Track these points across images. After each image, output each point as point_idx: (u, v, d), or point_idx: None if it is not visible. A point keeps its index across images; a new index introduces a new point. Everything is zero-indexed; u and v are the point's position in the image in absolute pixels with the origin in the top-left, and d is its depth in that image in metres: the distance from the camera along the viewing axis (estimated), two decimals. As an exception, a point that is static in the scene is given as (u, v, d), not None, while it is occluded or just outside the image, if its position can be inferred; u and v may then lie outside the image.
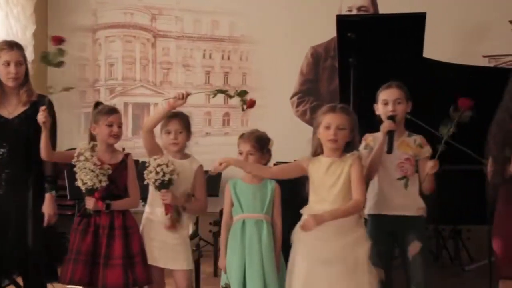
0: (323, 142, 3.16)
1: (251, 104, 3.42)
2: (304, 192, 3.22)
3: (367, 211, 3.39)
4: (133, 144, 6.45)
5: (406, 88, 3.40)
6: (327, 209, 3.06)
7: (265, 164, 3.49)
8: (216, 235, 5.38)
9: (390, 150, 3.24)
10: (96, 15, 7.10)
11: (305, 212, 3.16)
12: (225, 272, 3.39)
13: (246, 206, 3.40)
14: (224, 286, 3.37)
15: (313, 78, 6.81)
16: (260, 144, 3.44)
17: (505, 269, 3.13)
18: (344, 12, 6.57)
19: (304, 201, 3.39)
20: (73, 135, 6.05)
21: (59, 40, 3.35)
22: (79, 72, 7.01)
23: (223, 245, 3.44)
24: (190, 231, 3.57)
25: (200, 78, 7.01)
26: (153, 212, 3.50)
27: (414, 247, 3.31)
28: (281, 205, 3.42)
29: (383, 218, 3.34)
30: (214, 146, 6.57)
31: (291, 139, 3.36)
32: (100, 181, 3.35)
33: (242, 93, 3.40)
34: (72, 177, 3.43)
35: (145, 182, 3.43)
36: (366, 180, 3.31)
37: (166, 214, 3.42)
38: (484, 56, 6.18)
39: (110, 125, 3.47)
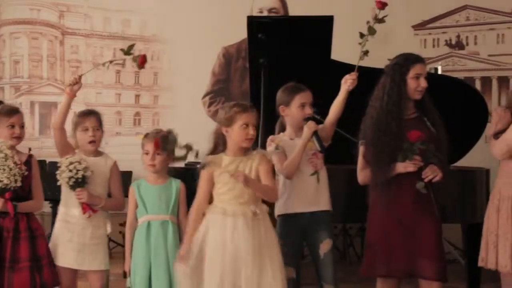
0: (236, 141, 3.13)
1: (143, 60, 3.39)
2: None
3: (279, 211, 3.42)
4: (40, 144, 6.27)
5: None
6: (240, 209, 3.07)
7: (170, 163, 3.48)
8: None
9: (323, 149, 3.30)
10: (0, 10, 6.85)
11: (214, 212, 3.15)
12: (129, 275, 3.35)
13: (151, 207, 3.37)
14: (127, 288, 3.35)
15: (224, 78, 6.84)
16: (167, 144, 3.42)
17: (383, 268, 3.22)
18: (255, 13, 6.64)
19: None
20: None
21: None
22: (-18, 69, 6.76)
23: (128, 247, 3.40)
24: (109, 230, 3.51)
25: (110, 77, 6.89)
26: (68, 213, 3.42)
27: (325, 245, 3.37)
28: (187, 204, 3.42)
29: (296, 217, 3.37)
30: (125, 146, 6.46)
31: (203, 139, 3.36)
32: (15, 181, 3.25)
33: (128, 49, 3.37)
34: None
35: (58, 183, 3.36)
36: (284, 178, 3.37)
37: (84, 213, 3.35)
38: (390, 60, 6.42)
39: (12, 126, 3.37)
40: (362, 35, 3.36)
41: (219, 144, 3.19)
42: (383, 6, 3.35)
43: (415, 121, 3.29)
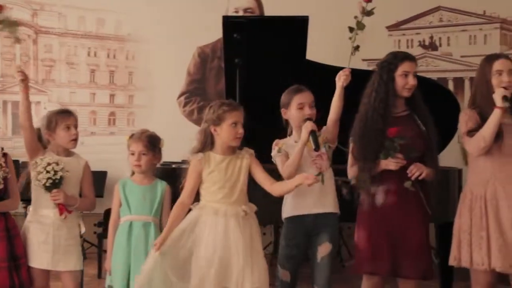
0: (226, 140, 3.14)
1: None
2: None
3: (285, 214, 3.41)
4: (13, 144, 6.22)
5: None
6: (229, 207, 3.07)
7: (156, 163, 3.48)
8: (101, 236, 5.28)
9: (317, 147, 3.24)
10: (-28, 9, 6.76)
11: (202, 212, 3.14)
12: (110, 274, 3.34)
13: (135, 207, 3.36)
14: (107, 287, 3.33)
15: (200, 78, 6.82)
16: (152, 144, 3.42)
17: (368, 265, 3.26)
18: (231, 13, 6.63)
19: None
20: None
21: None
22: (-48, 68, 6.66)
23: (109, 246, 3.39)
24: (83, 230, 3.50)
25: (84, 77, 6.84)
26: (42, 214, 3.40)
27: (324, 248, 3.34)
28: (171, 206, 3.41)
29: (301, 219, 3.34)
30: (100, 146, 6.44)
31: (178, 139, 3.36)
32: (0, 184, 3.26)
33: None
34: None
35: (36, 183, 3.33)
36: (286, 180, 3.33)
37: (61, 214, 3.33)
38: (364, 60, 6.46)
39: None
40: (351, 29, 3.37)
41: (207, 143, 3.19)
42: None
43: (405, 118, 3.34)
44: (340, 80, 3.35)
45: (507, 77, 3.30)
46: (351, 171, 3.37)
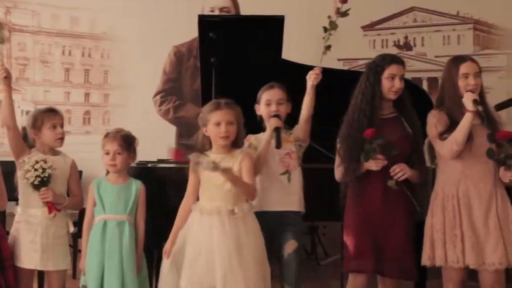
0: (213, 140, 3.17)
1: None
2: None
3: None
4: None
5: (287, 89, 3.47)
6: (215, 205, 3.08)
7: (131, 163, 3.47)
8: (76, 236, 5.23)
9: (279, 145, 3.28)
10: None
11: (194, 208, 3.15)
12: (84, 274, 3.32)
13: (109, 206, 3.35)
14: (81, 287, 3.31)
15: (176, 77, 6.81)
16: (127, 143, 3.41)
17: (354, 263, 3.30)
18: (207, 12, 6.62)
19: (167, 202, 3.39)
20: None
21: None
22: None
23: (84, 246, 3.37)
24: (71, 229, 3.49)
25: (59, 75, 6.78)
26: (30, 214, 3.38)
27: (290, 246, 3.36)
28: (147, 205, 3.41)
29: (265, 215, 3.34)
30: (74, 145, 6.32)
31: (154, 138, 3.35)
32: None
33: None
34: None
35: (24, 182, 3.31)
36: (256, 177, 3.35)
37: (50, 213, 3.32)
38: (339, 60, 6.50)
39: None
40: (326, 29, 3.39)
41: (205, 144, 3.23)
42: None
43: (392, 120, 3.37)
44: (311, 79, 3.36)
45: (473, 80, 3.34)
46: (338, 171, 3.40)
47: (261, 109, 3.45)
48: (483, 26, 6.70)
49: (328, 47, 3.40)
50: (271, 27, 4.55)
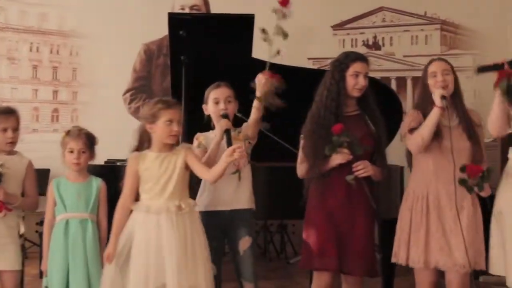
0: (161, 138, 3.14)
1: None
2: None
3: (199, 208, 3.40)
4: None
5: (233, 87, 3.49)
6: (163, 205, 3.07)
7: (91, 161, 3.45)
8: (43, 235, 5.19)
9: (230, 145, 3.23)
10: None
11: (138, 209, 3.14)
12: (46, 275, 3.29)
13: (70, 205, 3.32)
14: (43, 289, 3.28)
15: (145, 75, 6.78)
16: (91, 141, 3.40)
17: (317, 261, 3.29)
18: (177, 10, 6.61)
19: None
20: None
21: None
22: None
23: (45, 246, 3.34)
24: (22, 230, 3.43)
25: (26, 72, 6.70)
26: None
27: (244, 242, 3.38)
28: (107, 203, 3.39)
29: (216, 214, 3.38)
30: (42, 143, 6.31)
31: (123, 136, 3.33)
32: None
33: None
34: None
35: None
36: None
37: (0, 212, 3.27)
38: (309, 58, 6.55)
39: None
40: (263, 31, 3.34)
41: (144, 141, 3.20)
42: (285, 3, 3.35)
43: (355, 118, 3.38)
44: (260, 85, 3.29)
45: (441, 77, 3.40)
46: (301, 167, 3.41)
47: (209, 108, 3.46)
48: (450, 26, 6.80)
49: (278, 52, 3.35)
50: (241, 26, 4.56)
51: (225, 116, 3.36)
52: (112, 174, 3.58)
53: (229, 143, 3.23)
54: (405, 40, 6.84)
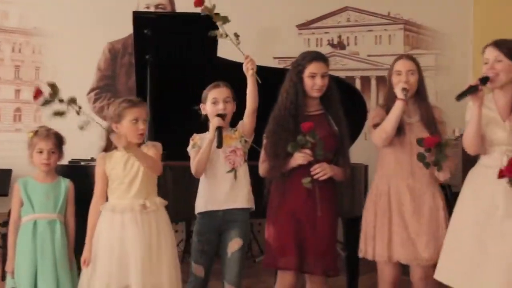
0: (130, 137, 3.13)
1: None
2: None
3: (198, 210, 3.41)
4: None
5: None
6: (128, 204, 3.06)
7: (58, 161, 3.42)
8: (6, 237, 5.10)
9: (220, 145, 3.26)
10: None
11: (105, 208, 3.13)
12: (12, 277, 3.25)
13: (38, 205, 3.29)
14: (9, 291, 3.24)
15: (110, 74, 6.71)
16: (60, 141, 3.39)
17: (279, 261, 3.31)
18: (142, 8, 6.56)
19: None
20: None
21: None
22: None
23: (11, 247, 3.29)
24: None
25: (-13, 71, 6.58)
26: None
27: (234, 244, 3.37)
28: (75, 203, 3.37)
29: (214, 215, 3.37)
30: (4, 143, 6.23)
31: (87, 136, 3.30)
32: None
33: None
34: None
35: None
36: (204, 177, 3.37)
37: None
38: (275, 58, 6.56)
39: None
40: (213, 30, 3.37)
41: (112, 141, 3.17)
42: (198, 4, 3.40)
43: (318, 117, 3.40)
44: (248, 68, 3.34)
45: (405, 77, 3.45)
46: (263, 167, 3.42)
47: (207, 108, 3.43)
48: (412, 26, 6.89)
49: (236, 35, 3.38)
50: (207, 24, 4.54)
51: (221, 115, 3.34)
52: (77, 174, 3.57)
53: (219, 142, 3.25)
54: (369, 39, 6.90)
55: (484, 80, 3.12)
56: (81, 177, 3.51)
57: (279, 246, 3.30)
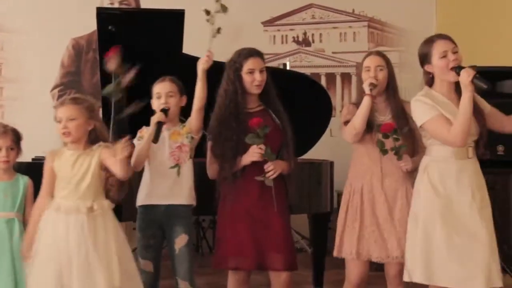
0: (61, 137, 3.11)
1: None
2: None
3: (138, 202, 3.43)
4: None
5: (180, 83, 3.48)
6: (73, 205, 3.01)
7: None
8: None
9: (155, 140, 3.25)
10: None
11: (49, 207, 3.06)
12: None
13: (-4, 204, 3.25)
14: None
15: (74, 71, 6.65)
16: (18, 138, 3.34)
17: (233, 260, 3.30)
18: (106, 4, 6.51)
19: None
20: None
21: None
22: None
23: None
24: None
25: None
26: None
27: (181, 240, 3.38)
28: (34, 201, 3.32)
29: (154, 209, 3.38)
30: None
31: (51, 133, 3.26)
32: None
33: None
34: None
35: None
36: (146, 170, 3.39)
37: None
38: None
39: None
40: (207, 12, 3.38)
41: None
42: None
43: (260, 113, 3.39)
44: (200, 64, 3.35)
45: (373, 73, 3.50)
46: (211, 168, 3.41)
47: (153, 102, 3.45)
48: (377, 24, 6.97)
49: (218, 30, 3.39)
50: (172, 21, 4.53)
51: (164, 110, 3.34)
52: (40, 172, 3.52)
53: (155, 137, 3.24)
54: (334, 36, 6.96)
55: (459, 68, 3.17)
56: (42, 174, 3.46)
57: (233, 247, 3.29)
